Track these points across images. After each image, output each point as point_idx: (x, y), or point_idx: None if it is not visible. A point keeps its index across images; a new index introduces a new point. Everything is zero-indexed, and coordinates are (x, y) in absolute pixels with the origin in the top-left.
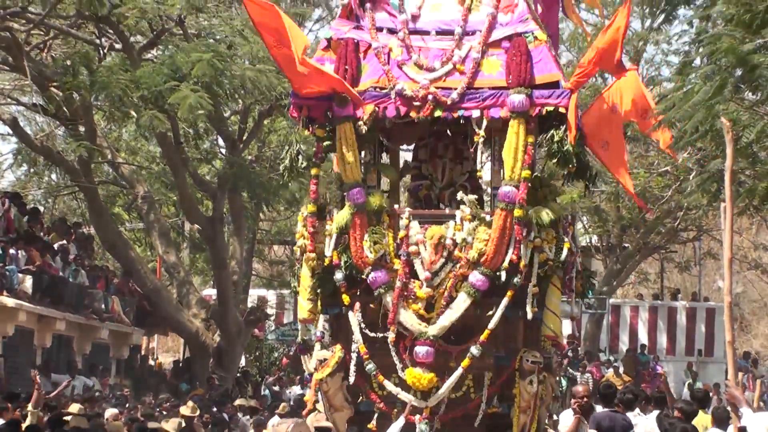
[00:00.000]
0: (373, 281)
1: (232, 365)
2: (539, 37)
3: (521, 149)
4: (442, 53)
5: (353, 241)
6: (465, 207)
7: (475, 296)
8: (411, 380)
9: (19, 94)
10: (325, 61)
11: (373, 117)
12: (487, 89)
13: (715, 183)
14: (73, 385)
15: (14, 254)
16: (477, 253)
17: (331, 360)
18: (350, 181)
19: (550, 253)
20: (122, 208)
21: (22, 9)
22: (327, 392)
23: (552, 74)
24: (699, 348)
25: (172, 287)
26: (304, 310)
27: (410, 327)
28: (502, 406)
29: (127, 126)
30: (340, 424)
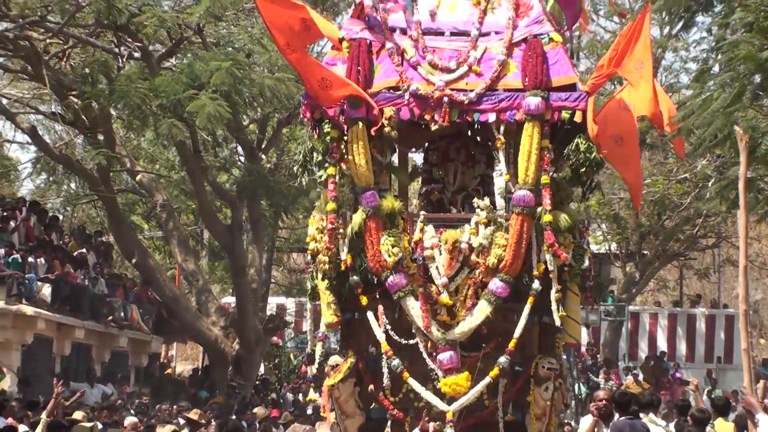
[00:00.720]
0: (392, 285)
1: (251, 373)
2: (555, 38)
3: (535, 153)
4: (457, 54)
5: (369, 244)
6: (480, 211)
7: (495, 303)
8: (450, 389)
9: (38, 102)
10: (336, 62)
11: (394, 120)
12: (503, 91)
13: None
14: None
15: (33, 262)
16: (496, 260)
17: (343, 366)
18: (363, 184)
19: (568, 259)
20: (141, 216)
21: (41, 18)
22: (338, 398)
23: (569, 76)
24: (718, 355)
25: (191, 295)
26: (328, 315)
27: (430, 335)
28: (517, 414)
29: (146, 134)
30: (351, 431)
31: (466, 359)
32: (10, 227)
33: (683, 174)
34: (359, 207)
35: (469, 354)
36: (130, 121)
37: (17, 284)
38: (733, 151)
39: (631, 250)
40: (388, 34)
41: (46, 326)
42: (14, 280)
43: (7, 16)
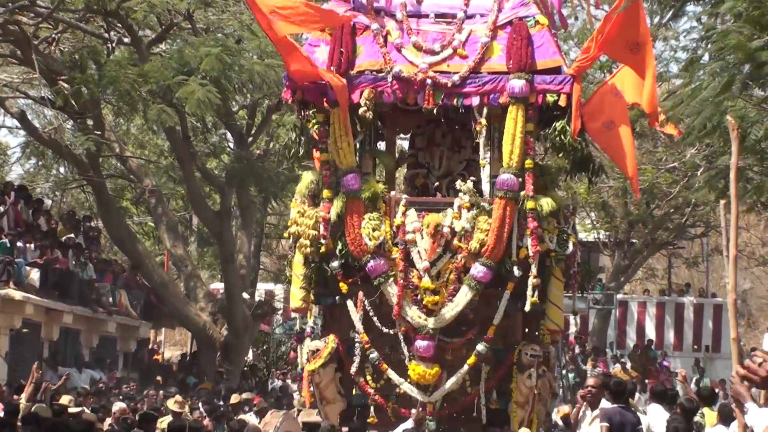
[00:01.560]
0: (372, 270)
1: (239, 359)
2: (541, 21)
3: (519, 136)
4: (442, 36)
5: (349, 228)
6: (463, 195)
7: (477, 289)
8: (416, 376)
9: (28, 87)
10: (320, 43)
11: (373, 101)
12: (487, 74)
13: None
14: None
15: (22, 247)
16: (478, 244)
17: (323, 351)
18: (344, 167)
19: (551, 244)
20: (130, 201)
21: (31, 2)
22: (319, 384)
23: (554, 59)
24: (706, 344)
25: (180, 281)
26: (297, 299)
27: (411, 320)
28: (500, 401)
29: (135, 120)
30: (332, 417)
31: (449, 345)
32: (0, 212)
33: (672, 163)
34: (340, 190)
35: (451, 340)
36: (119, 106)
37: (6, 269)
38: (722, 140)
39: (619, 239)
40: (373, 16)
41: (34, 311)
42: (3, 265)
43: None
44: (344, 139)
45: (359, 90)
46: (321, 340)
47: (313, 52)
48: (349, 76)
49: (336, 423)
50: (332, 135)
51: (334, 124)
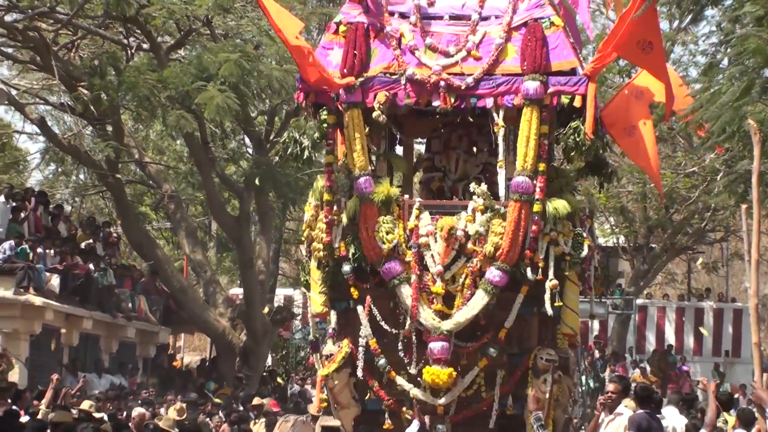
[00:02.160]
0: (387, 272)
1: (258, 364)
2: (555, 22)
3: (534, 138)
4: (456, 38)
5: (363, 231)
6: (477, 198)
7: (492, 293)
8: (430, 378)
9: (47, 93)
10: (333, 46)
11: (386, 105)
12: (501, 76)
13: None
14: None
15: (42, 253)
16: (493, 248)
17: (337, 355)
18: (358, 170)
19: (566, 247)
20: (149, 207)
21: (50, 9)
22: (333, 389)
23: (569, 61)
24: (726, 349)
25: (199, 286)
26: (317, 304)
27: (425, 322)
28: (516, 406)
29: (154, 126)
30: (346, 422)
31: (463, 350)
32: (20, 218)
33: (691, 168)
34: (354, 193)
35: (465, 344)
36: (138, 112)
37: (26, 274)
38: (742, 144)
39: (639, 244)
40: (387, 18)
41: (54, 317)
42: (23, 271)
43: (17, 7)
44: (358, 142)
45: (372, 93)
46: (335, 344)
47: (327, 55)
48: (362, 79)
49: (350, 428)
50: (346, 137)
51: (347, 126)
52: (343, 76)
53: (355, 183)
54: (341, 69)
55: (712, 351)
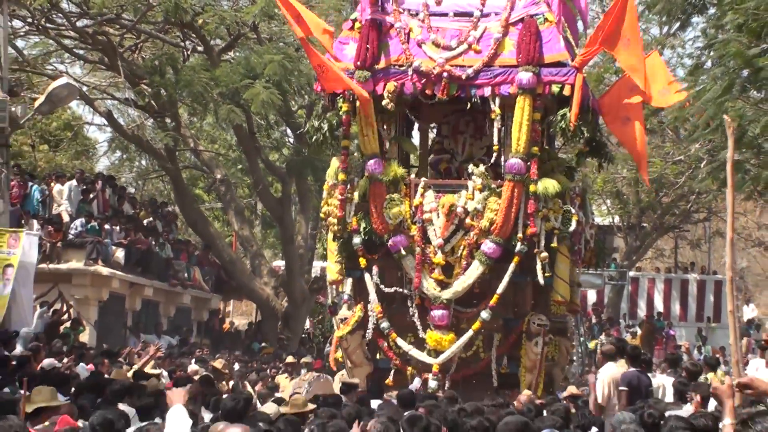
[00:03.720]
0: (393, 245)
1: (297, 327)
2: (549, 18)
3: (527, 124)
4: (459, 33)
5: (373, 208)
6: (476, 178)
7: (487, 264)
8: (433, 342)
9: (114, 90)
10: (349, 41)
11: (396, 93)
12: (498, 67)
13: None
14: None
15: (109, 229)
16: (488, 223)
17: (351, 319)
18: (369, 152)
19: (556, 223)
20: (203, 189)
21: (117, 16)
22: (347, 349)
23: (560, 54)
24: (708, 315)
25: (246, 259)
26: (333, 272)
27: (427, 291)
28: (511, 366)
29: (207, 118)
30: (360, 379)
31: (463, 315)
32: (90, 199)
33: (678, 156)
34: (365, 174)
35: (465, 310)
36: (193, 106)
37: (95, 248)
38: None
39: (631, 223)
40: (398, 15)
41: (119, 285)
42: (92, 245)
43: (87, 14)
44: (369, 129)
45: (383, 83)
46: (349, 309)
47: (343, 49)
48: (374, 70)
49: (363, 384)
50: (358, 124)
51: (359, 115)
52: (356, 67)
53: (365, 164)
54: (355, 61)
55: (696, 317)
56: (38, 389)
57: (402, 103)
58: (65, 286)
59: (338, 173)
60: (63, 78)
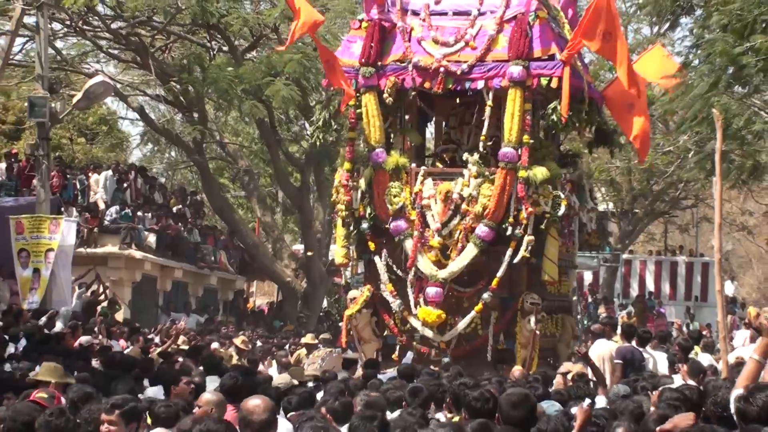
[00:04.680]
0: (395, 229)
1: (316, 306)
2: (540, 15)
3: (518, 115)
4: (457, 31)
5: (376, 195)
6: (471, 166)
7: (481, 246)
8: (422, 317)
9: (145, 87)
10: (356, 39)
11: (396, 88)
12: (492, 62)
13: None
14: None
15: (141, 216)
16: (481, 208)
17: (360, 298)
18: (373, 143)
19: (546, 207)
20: (228, 179)
21: (148, 18)
22: (357, 326)
23: (549, 48)
24: (696, 294)
25: (268, 243)
26: (339, 256)
27: (424, 270)
28: (507, 342)
29: (231, 113)
30: (369, 354)
31: (463, 294)
32: (124, 187)
33: (668, 147)
34: (370, 163)
35: (464, 290)
36: (219, 102)
37: (129, 233)
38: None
39: (625, 209)
40: (401, 15)
41: (151, 267)
42: (126, 230)
43: (121, 17)
44: (374, 120)
45: (385, 79)
46: (358, 289)
47: (350, 47)
48: (377, 67)
49: (373, 357)
50: (364, 117)
51: (365, 106)
52: (361, 64)
53: (370, 154)
54: (360, 58)
55: (684, 296)
56: (46, 365)
57: (416, 97)
58: (101, 269)
59: (345, 162)
60: (99, 76)
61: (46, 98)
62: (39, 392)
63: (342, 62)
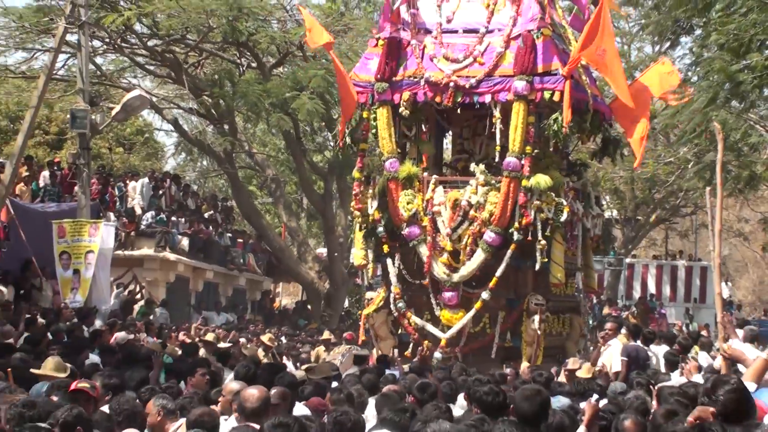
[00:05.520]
0: (409, 234)
1: (338, 306)
2: (545, 33)
3: (521, 126)
4: (466, 48)
5: (390, 202)
6: (479, 175)
7: (488, 251)
8: (445, 320)
9: (179, 100)
10: (373, 56)
11: (411, 102)
12: (498, 77)
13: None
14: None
15: (175, 221)
16: (488, 214)
17: (376, 299)
18: (387, 153)
19: (549, 213)
20: (256, 186)
21: (182, 37)
22: (373, 325)
23: (553, 64)
24: (695, 296)
25: (294, 247)
26: (358, 258)
27: (437, 275)
28: (513, 340)
29: (259, 125)
30: (386, 351)
31: (472, 295)
32: (159, 194)
33: (669, 158)
34: (384, 172)
35: (473, 291)
36: (248, 114)
37: (163, 237)
38: (708, 141)
39: (628, 216)
40: (414, 33)
41: (184, 269)
42: (161, 234)
43: (157, 35)
44: (387, 131)
45: (399, 93)
46: (375, 290)
47: (367, 63)
48: (392, 82)
49: (390, 354)
50: (379, 129)
51: (379, 119)
52: (376, 80)
53: (384, 164)
54: (376, 74)
55: (684, 298)
56: (50, 360)
57: (432, 110)
58: (138, 270)
59: (358, 171)
60: (136, 90)
61: (86, 111)
62: (80, 382)
63: (359, 78)
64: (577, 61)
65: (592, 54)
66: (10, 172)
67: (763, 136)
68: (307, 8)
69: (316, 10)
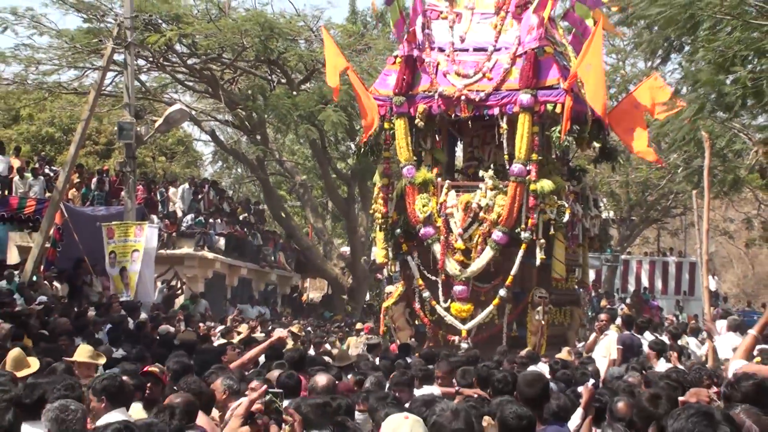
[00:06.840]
0: (424, 234)
1: (360, 299)
2: (547, 51)
3: (527, 136)
4: (476, 64)
5: (407, 205)
6: (488, 180)
7: (496, 249)
8: (455, 312)
9: (216, 113)
10: (391, 72)
11: (426, 114)
12: (505, 91)
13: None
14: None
15: (213, 222)
16: (496, 216)
17: (395, 292)
18: (404, 161)
19: (552, 215)
20: (286, 191)
21: (218, 56)
22: (392, 317)
23: (555, 79)
24: (684, 290)
25: (320, 246)
26: (380, 256)
27: (449, 271)
28: (519, 330)
29: (289, 135)
30: (403, 340)
31: (481, 289)
32: (198, 198)
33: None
34: (402, 178)
35: (483, 285)
36: (278, 126)
37: (202, 237)
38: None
39: (623, 216)
40: (429, 52)
41: (221, 266)
42: (200, 235)
43: (195, 54)
44: (404, 141)
45: (415, 107)
46: (393, 285)
47: (386, 79)
48: (408, 96)
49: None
50: (397, 138)
51: (397, 130)
52: (395, 94)
53: (402, 170)
54: (394, 89)
55: (674, 291)
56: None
57: (445, 121)
58: (179, 267)
59: (381, 177)
60: (177, 104)
61: (132, 123)
62: (151, 367)
63: (379, 92)
64: (575, 76)
65: (583, 68)
66: (63, 179)
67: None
68: (331, 29)
69: (339, 29)
